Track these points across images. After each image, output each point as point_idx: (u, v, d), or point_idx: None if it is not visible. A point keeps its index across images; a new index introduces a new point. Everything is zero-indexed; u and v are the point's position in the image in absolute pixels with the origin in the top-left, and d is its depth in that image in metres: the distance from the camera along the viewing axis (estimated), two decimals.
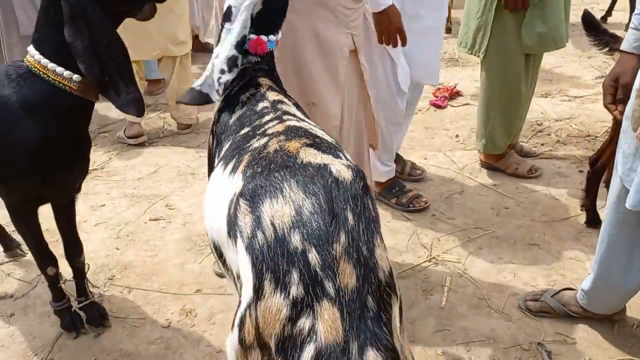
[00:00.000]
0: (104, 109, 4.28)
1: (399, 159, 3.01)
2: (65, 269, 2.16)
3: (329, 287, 0.89)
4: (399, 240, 2.60)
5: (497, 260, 2.44)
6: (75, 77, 1.69)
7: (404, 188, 2.85)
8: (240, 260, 0.98)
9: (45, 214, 2.01)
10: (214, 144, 1.42)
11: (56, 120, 1.74)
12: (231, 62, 1.37)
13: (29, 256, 2.60)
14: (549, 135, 3.48)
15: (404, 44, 2.23)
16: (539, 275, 2.33)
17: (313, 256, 0.90)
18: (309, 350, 0.87)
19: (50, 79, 1.69)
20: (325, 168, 1.01)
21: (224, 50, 1.39)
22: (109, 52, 1.64)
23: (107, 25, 1.64)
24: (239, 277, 1.02)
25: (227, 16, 1.42)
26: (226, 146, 1.26)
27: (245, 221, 0.98)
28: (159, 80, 4.40)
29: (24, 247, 2.65)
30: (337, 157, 1.08)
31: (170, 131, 3.88)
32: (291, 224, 0.93)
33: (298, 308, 0.89)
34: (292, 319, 0.88)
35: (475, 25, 2.76)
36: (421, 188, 2.95)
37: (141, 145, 3.66)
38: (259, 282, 0.92)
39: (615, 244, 1.80)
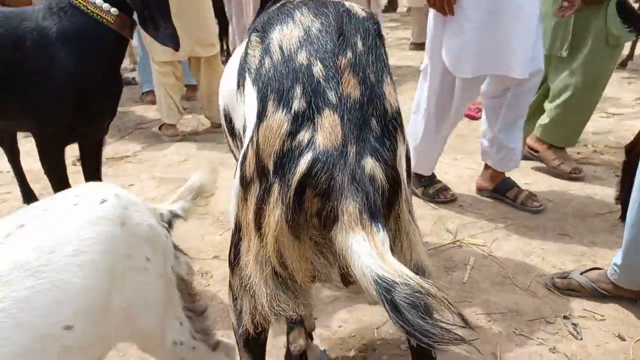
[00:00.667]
0: (142, 110, 4.42)
1: (513, 185, 2.71)
2: None
3: (332, 96, 0.87)
4: (423, 225, 2.54)
5: (525, 245, 2.34)
6: (113, 10, 1.77)
7: (434, 178, 2.81)
8: (247, 100, 0.98)
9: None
10: None
11: (92, 52, 1.80)
12: None
13: None
14: (585, 145, 3.39)
15: (451, 11, 2.23)
16: (569, 260, 2.22)
17: (318, 69, 0.89)
18: (305, 158, 0.84)
19: (89, 11, 1.77)
20: (340, 2, 1.00)
21: None
22: None
23: None
24: (245, 131, 1.01)
25: None
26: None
27: (254, 54, 0.98)
28: (196, 86, 4.53)
29: None
30: None
31: (204, 130, 3.96)
32: (298, 44, 0.92)
33: (299, 122, 0.86)
34: (292, 133, 0.86)
35: (553, 25, 2.71)
36: (450, 184, 2.90)
37: (172, 139, 3.75)
38: (262, 106, 0.91)
39: None
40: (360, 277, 0.75)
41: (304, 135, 0.86)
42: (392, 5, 8.08)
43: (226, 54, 5.41)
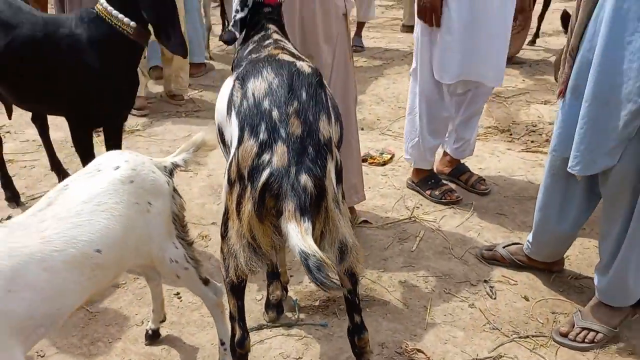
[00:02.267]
0: (149, 85, 4.86)
1: (466, 170, 3.17)
2: None
3: (283, 133, 1.34)
4: (387, 202, 3.04)
5: (467, 222, 2.85)
6: (132, 23, 2.21)
7: (440, 181, 3.09)
8: (232, 125, 1.45)
9: None
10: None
11: (114, 55, 2.26)
12: (243, 3, 1.85)
13: None
14: (540, 135, 3.86)
15: (437, 24, 2.63)
16: (500, 236, 2.73)
17: (275, 113, 1.36)
18: (266, 172, 1.32)
19: (113, 23, 2.21)
20: (293, 63, 1.47)
21: None
22: (164, 6, 2.16)
23: None
24: (232, 144, 1.48)
25: None
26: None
27: (237, 95, 1.45)
28: (201, 64, 4.97)
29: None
30: (310, 63, 1.53)
31: (205, 106, 4.42)
32: (264, 94, 1.39)
33: (263, 147, 1.34)
34: (259, 155, 1.34)
35: None
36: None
37: (178, 115, 4.22)
38: (241, 134, 1.39)
39: (550, 193, 2.19)
40: (293, 249, 1.24)
41: (265, 157, 1.34)
42: None
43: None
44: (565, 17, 3.99)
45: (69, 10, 3.42)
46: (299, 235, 1.24)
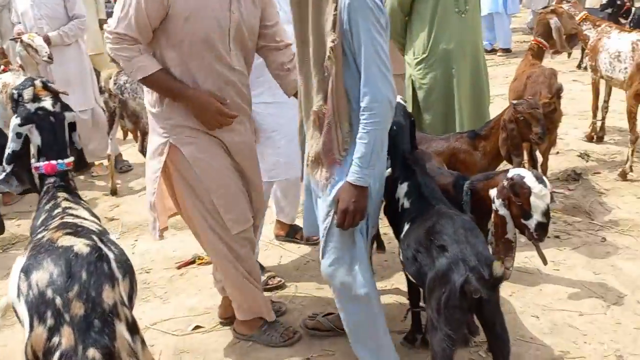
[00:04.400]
0: None
1: (299, 229, 3.61)
2: None
3: (67, 316, 1.52)
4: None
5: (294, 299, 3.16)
6: None
7: (264, 269, 3.37)
8: (21, 310, 1.60)
9: None
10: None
11: None
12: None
13: None
14: None
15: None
16: (320, 308, 3.06)
17: (58, 300, 1.54)
18: (57, 354, 1.50)
19: None
20: (71, 248, 1.65)
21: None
22: None
23: None
24: (23, 323, 1.62)
25: None
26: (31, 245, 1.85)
27: (23, 286, 1.61)
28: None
29: None
30: (90, 239, 1.72)
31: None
32: (47, 284, 1.57)
33: (52, 332, 1.52)
34: (49, 339, 1.51)
35: None
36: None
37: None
38: (31, 321, 1.55)
39: None
40: None
41: (55, 340, 1.52)
42: None
43: None
44: None
45: None
46: None
